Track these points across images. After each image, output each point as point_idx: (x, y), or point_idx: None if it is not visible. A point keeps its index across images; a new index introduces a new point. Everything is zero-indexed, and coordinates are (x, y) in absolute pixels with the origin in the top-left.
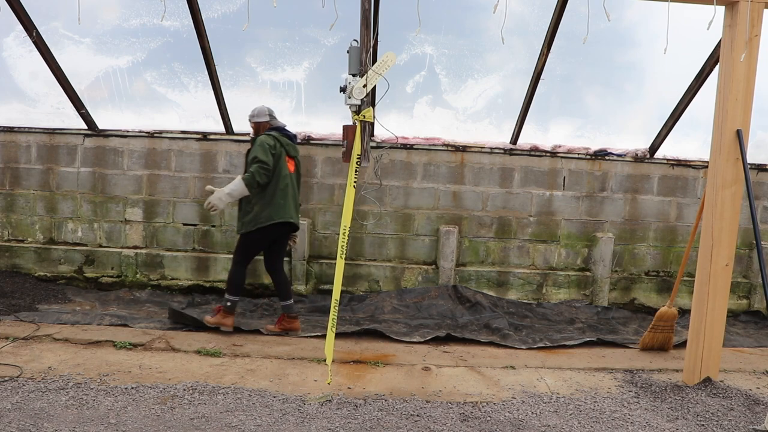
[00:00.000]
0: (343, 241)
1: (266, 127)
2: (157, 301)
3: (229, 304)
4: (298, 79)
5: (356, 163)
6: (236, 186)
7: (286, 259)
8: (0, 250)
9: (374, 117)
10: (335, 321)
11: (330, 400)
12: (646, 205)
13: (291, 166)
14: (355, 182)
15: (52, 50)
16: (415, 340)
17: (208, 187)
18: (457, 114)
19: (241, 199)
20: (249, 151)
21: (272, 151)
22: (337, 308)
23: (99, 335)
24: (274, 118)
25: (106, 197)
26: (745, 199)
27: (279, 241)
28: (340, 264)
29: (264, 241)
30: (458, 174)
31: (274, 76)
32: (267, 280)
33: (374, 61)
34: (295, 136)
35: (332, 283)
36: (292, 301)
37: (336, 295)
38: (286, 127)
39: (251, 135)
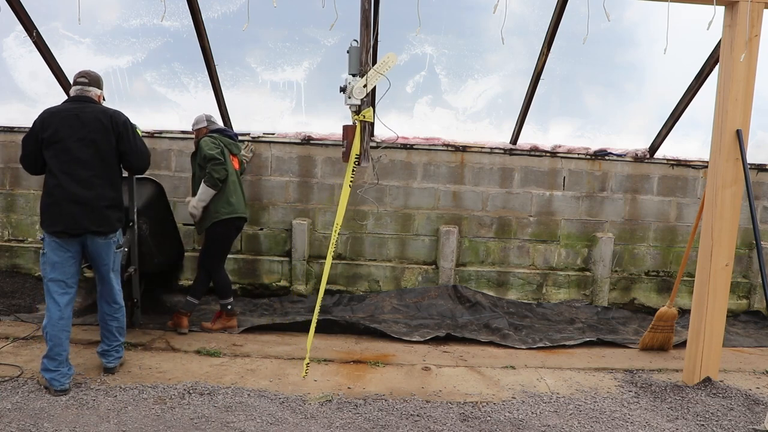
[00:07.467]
0: (334, 240)
1: (204, 131)
2: None
3: (229, 307)
4: (298, 79)
5: (354, 162)
6: (202, 191)
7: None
8: (0, 250)
9: (375, 116)
10: (317, 317)
11: (330, 400)
12: (646, 205)
13: (235, 164)
14: (351, 182)
15: (52, 50)
16: (415, 339)
17: (187, 198)
18: (457, 114)
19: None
20: (194, 154)
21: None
22: (319, 305)
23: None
24: (213, 122)
25: None
26: (745, 199)
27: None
28: (328, 261)
29: (230, 234)
30: (458, 174)
31: (274, 76)
32: (267, 279)
33: (374, 61)
34: (236, 135)
35: (333, 283)
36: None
37: (321, 292)
38: (226, 129)
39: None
